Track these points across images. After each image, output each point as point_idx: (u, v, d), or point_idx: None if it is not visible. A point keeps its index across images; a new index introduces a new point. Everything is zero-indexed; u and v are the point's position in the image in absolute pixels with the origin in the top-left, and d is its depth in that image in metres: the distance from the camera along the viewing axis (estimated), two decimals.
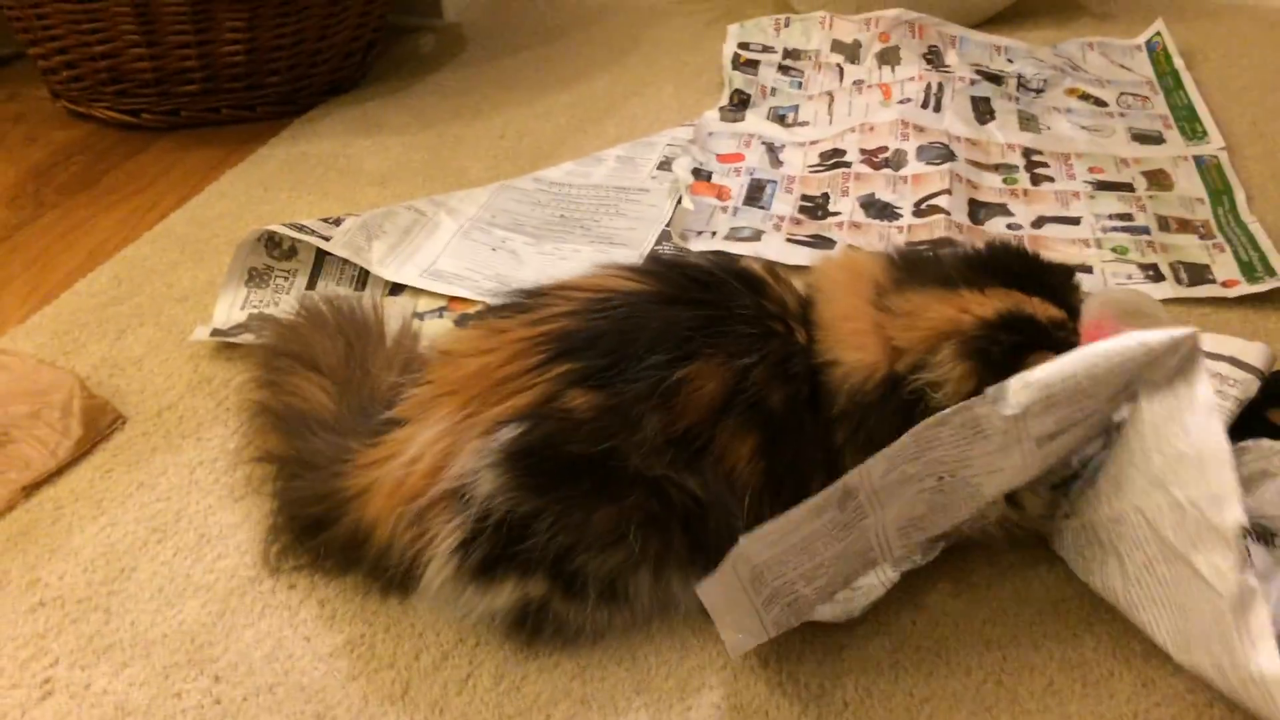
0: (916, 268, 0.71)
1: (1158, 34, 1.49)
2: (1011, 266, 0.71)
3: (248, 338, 0.97)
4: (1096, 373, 0.62)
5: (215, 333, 0.98)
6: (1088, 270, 1.03)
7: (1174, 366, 0.62)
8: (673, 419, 0.65)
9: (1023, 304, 0.68)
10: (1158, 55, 1.46)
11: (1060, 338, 0.68)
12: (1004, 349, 0.66)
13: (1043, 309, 0.68)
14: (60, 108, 1.46)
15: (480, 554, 0.65)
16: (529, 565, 0.65)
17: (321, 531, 0.72)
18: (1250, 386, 0.80)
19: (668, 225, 1.12)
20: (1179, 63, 1.42)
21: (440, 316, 1.02)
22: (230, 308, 1.02)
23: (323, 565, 0.75)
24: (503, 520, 0.64)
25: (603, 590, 0.67)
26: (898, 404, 0.66)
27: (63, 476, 0.85)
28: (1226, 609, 0.59)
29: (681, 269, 0.72)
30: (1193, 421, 0.61)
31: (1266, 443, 0.74)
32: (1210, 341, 0.82)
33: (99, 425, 0.89)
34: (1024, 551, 0.74)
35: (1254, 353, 0.81)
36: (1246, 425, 0.78)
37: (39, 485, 0.84)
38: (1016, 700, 0.66)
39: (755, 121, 1.34)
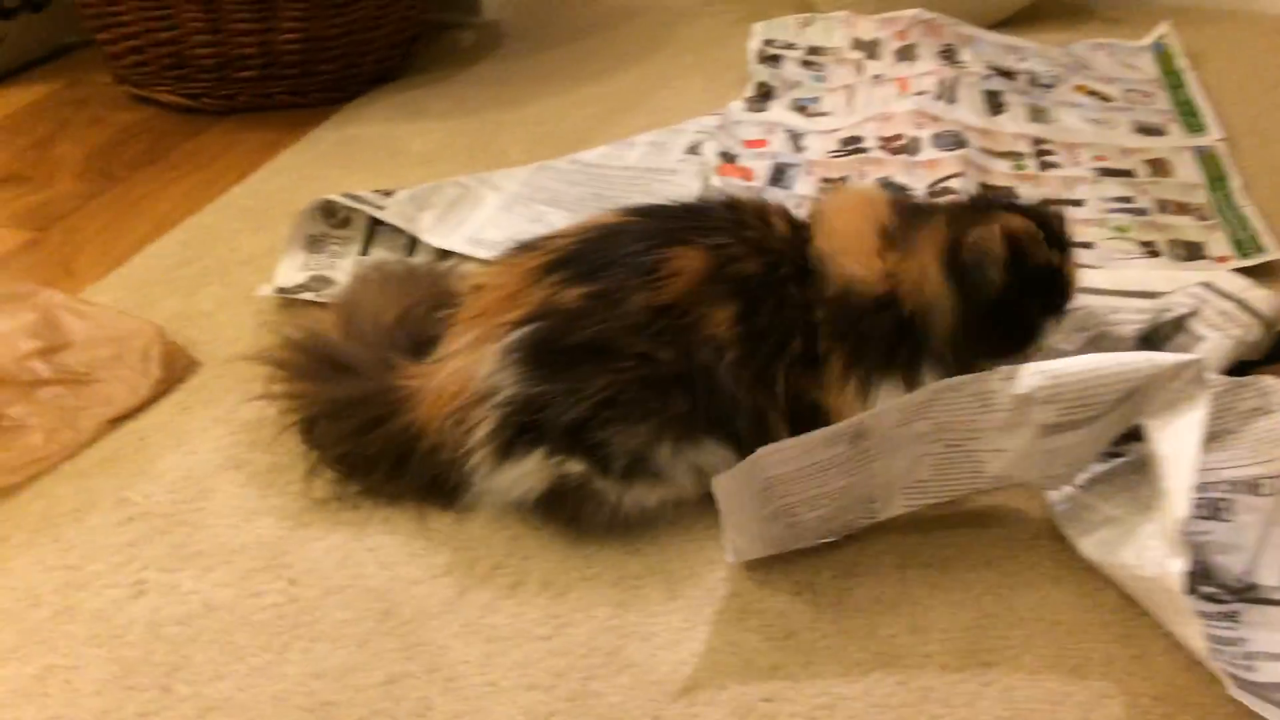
0: (917, 213, 0.81)
1: (1163, 36, 1.56)
2: (991, 203, 0.82)
3: (308, 295, 1.05)
4: (1103, 375, 0.68)
5: (279, 290, 1.06)
6: (1088, 246, 1.10)
7: (1177, 390, 0.68)
8: (655, 295, 0.74)
9: (995, 221, 0.76)
10: (1163, 56, 1.53)
11: (1036, 251, 0.76)
12: (979, 249, 0.75)
13: (1011, 221, 0.76)
14: (123, 92, 1.55)
15: (507, 434, 0.76)
16: (552, 441, 0.75)
17: (374, 429, 0.80)
18: (1252, 330, 0.86)
19: None
20: (1183, 63, 1.50)
21: None
22: (291, 270, 1.11)
23: (373, 470, 0.81)
24: (522, 404, 0.75)
25: (629, 464, 0.76)
26: (888, 316, 0.76)
27: (145, 413, 0.94)
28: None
29: (669, 205, 0.83)
30: (1178, 439, 0.67)
31: (1270, 380, 0.77)
32: (1224, 280, 0.89)
33: (176, 368, 0.97)
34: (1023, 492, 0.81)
35: (1261, 300, 0.87)
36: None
37: (123, 419, 0.93)
38: (1013, 609, 0.73)
39: (778, 111, 1.42)
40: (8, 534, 0.82)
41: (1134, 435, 0.73)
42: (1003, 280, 0.75)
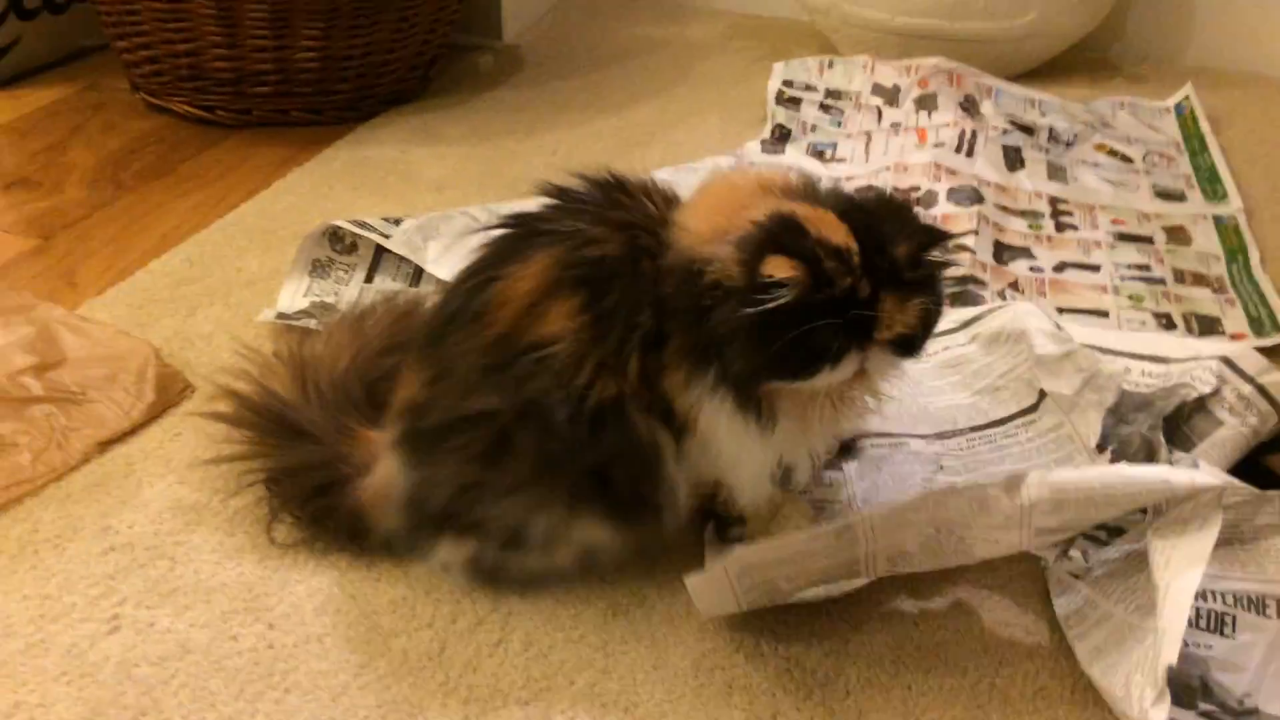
0: (805, 190, 0.72)
1: (1186, 98, 1.55)
2: (866, 206, 0.70)
3: (309, 322, 1.04)
4: (1112, 492, 0.66)
5: (280, 316, 1.05)
6: (1103, 314, 1.08)
7: (1191, 510, 0.65)
8: (484, 336, 0.71)
9: (798, 215, 0.66)
10: (1185, 119, 1.52)
11: (824, 262, 0.64)
12: (751, 241, 0.65)
13: (827, 229, 0.65)
14: (138, 100, 1.54)
15: (410, 524, 0.77)
16: (440, 527, 0.76)
17: (330, 493, 0.80)
18: (1269, 420, 0.83)
19: None
20: (1205, 126, 1.48)
21: None
22: (294, 294, 1.09)
23: (338, 529, 0.80)
24: (409, 498, 0.76)
25: (511, 538, 0.75)
26: (700, 285, 0.66)
27: (135, 436, 0.92)
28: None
29: (543, 203, 0.76)
30: (1180, 573, 0.63)
31: None
32: (1244, 359, 0.86)
33: (170, 392, 0.96)
34: (1024, 565, 0.79)
35: (1278, 390, 0.84)
36: (1244, 466, 0.82)
37: (113, 443, 0.91)
38: (1008, 701, 0.71)
39: (795, 155, 1.41)
40: None
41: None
42: (784, 302, 0.63)
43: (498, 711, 0.70)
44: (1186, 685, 0.67)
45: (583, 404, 0.69)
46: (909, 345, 0.69)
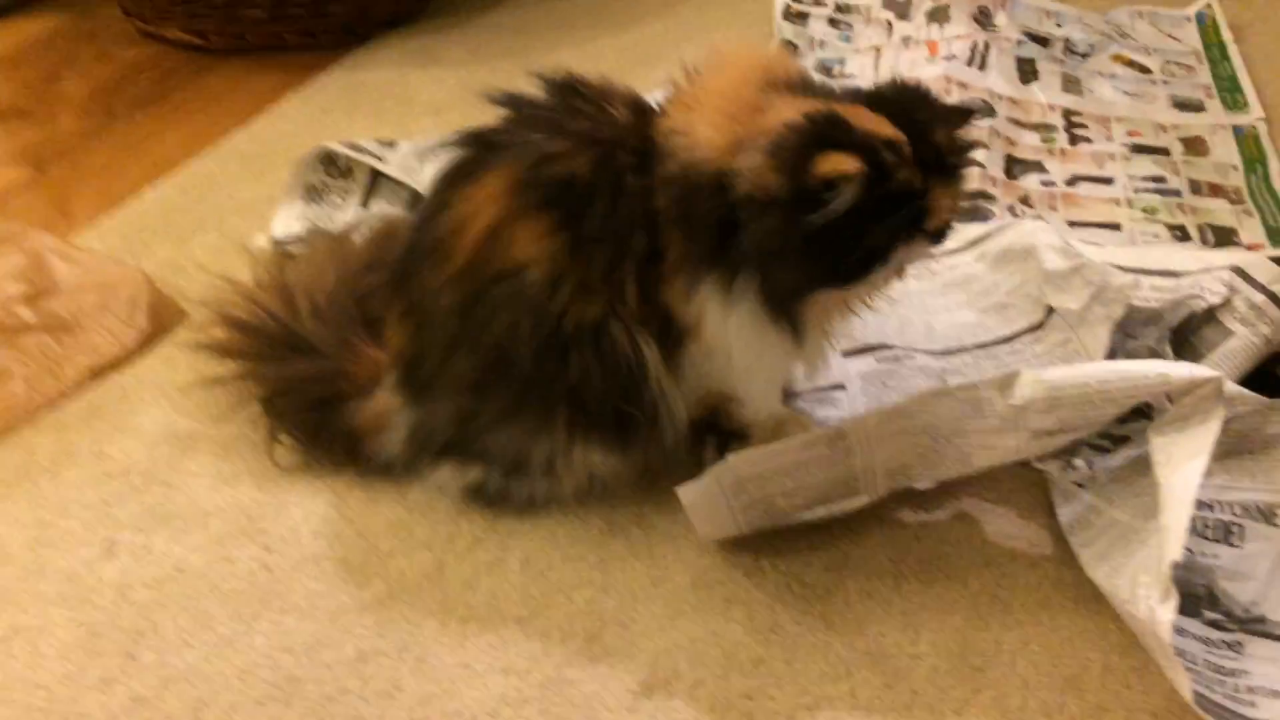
0: (813, 85, 0.69)
1: (1209, 5, 1.49)
2: (890, 96, 0.67)
3: (301, 248, 1.02)
4: (1108, 389, 0.63)
5: (274, 241, 1.03)
6: (1115, 227, 1.05)
7: (1190, 405, 0.63)
8: (446, 269, 0.69)
9: (837, 110, 0.63)
10: (1206, 27, 1.46)
11: (881, 154, 0.61)
12: (793, 143, 0.61)
13: (871, 122, 0.63)
14: (131, 27, 1.51)
15: (412, 451, 0.77)
16: (444, 454, 0.76)
17: (332, 407, 0.79)
18: None
19: None
20: (1227, 35, 1.43)
21: None
22: (288, 220, 1.07)
23: (333, 445, 0.80)
24: (414, 429, 0.76)
25: (514, 466, 0.74)
26: (723, 199, 0.63)
27: (129, 364, 0.91)
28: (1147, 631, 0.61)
29: (496, 122, 0.74)
30: (1182, 469, 0.61)
31: None
32: (1257, 267, 0.83)
33: (163, 319, 0.95)
34: (1027, 479, 0.78)
35: None
36: (1256, 376, 0.80)
37: (107, 370, 0.90)
38: (1009, 611, 0.70)
39: None
40: None
41: (1143, 412, 0.69)
42: (846, 205, 0.61)
43: (496, 629, 0.69)
44: (1193, 594, 0.66)
45: (559, 328, 0.67)
46: (945, 232, 0.67)
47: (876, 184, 0.61)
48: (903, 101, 0.66)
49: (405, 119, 1.30)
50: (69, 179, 1.19)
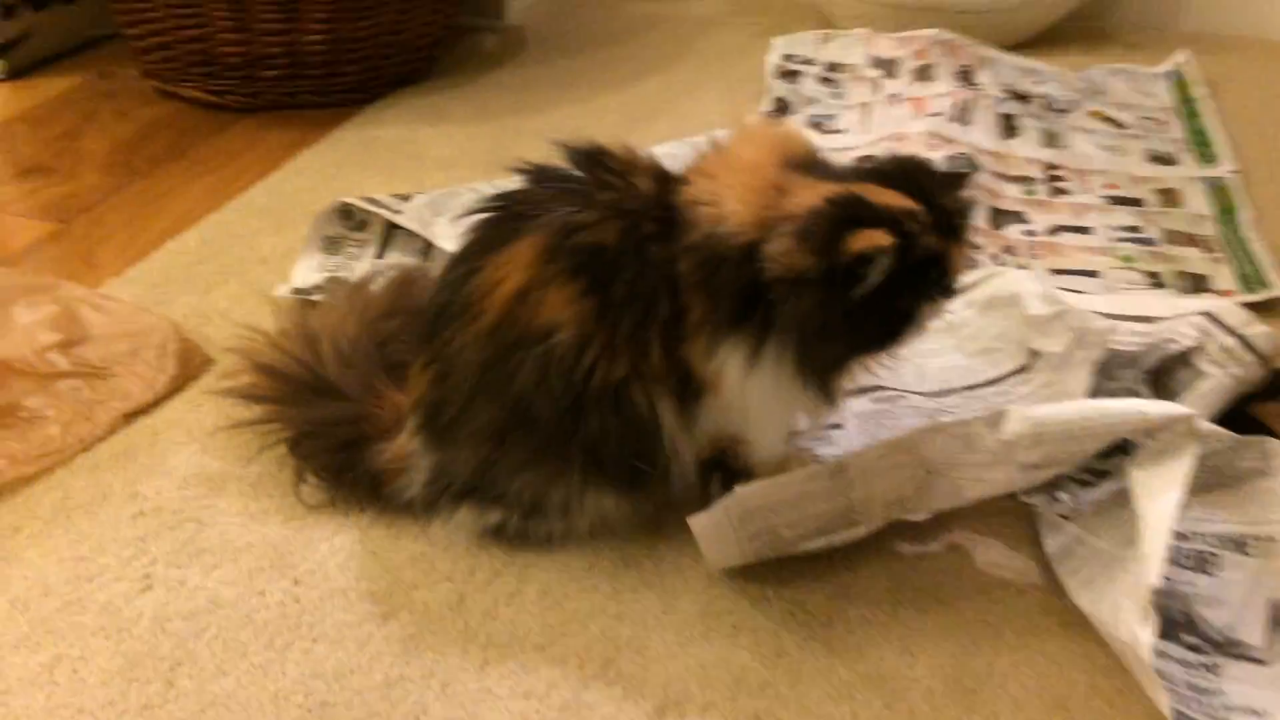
0: (826, 166, 0.74)
1: (1180, 63, 1.57)
2: (893, 170, 0.72)
3: (323, 297, 1.07)
4: (1090, 425, 0.68)
5: (295, 291, 1.08)
6: (1094, 274, 1.11)
7: (1166, 440, 0.68)
8: (477, 326, 0.73)
9: (856, 191, 0.68)
10: (1179, 84, 1.54)
11: (904, 224, 0.67)
12: (823, 226, 0.66)
13: (888, 197, 0.68)
14: (149, 87, 1.57)
15: (433, 493, 0.81)
16: (464, 498, 0.80)
17: (356, 449, 0.83)
18: (1253, 369, 0.86)
19: None
20: (1198, 91, 1.50)
21: None
22: (307, 270, 1.13)
23: (358, 486, 0.84)
24: (434, 472, 0.80)
25: (532, 508, 0.78)
26: (749, 271, 0.68)
27: (159, 408, 0.96)
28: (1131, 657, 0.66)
29: (524, 184, 0.78)
30: (1159, 500, 0.66)
31: (1273, 443, 0.76)
32: (1227, 313, 0.88)
33: (191, 365, 0.99)
34: (1015, 512, 0.82)
35: (1262, 337, 0.87)
36: (1233, 415, 0.85)
37: (137, 414, 0.95)
38: (1000, 636, 0.74)
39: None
40: (22, 524, 0.84)
41: (1122, 448, 0.73)
42: (881, 275, 0.66)
43: (516, 656, 0.73)
44: (1172, 619, 0.70)
45: (585, 388, 0.72)
46: (954, 287, 0.72)
47: (905, 252, 0.66)
48: (906, 173, 0.72)
49: (417, 174, 1.35)
50: (93, 233, 1.24)
